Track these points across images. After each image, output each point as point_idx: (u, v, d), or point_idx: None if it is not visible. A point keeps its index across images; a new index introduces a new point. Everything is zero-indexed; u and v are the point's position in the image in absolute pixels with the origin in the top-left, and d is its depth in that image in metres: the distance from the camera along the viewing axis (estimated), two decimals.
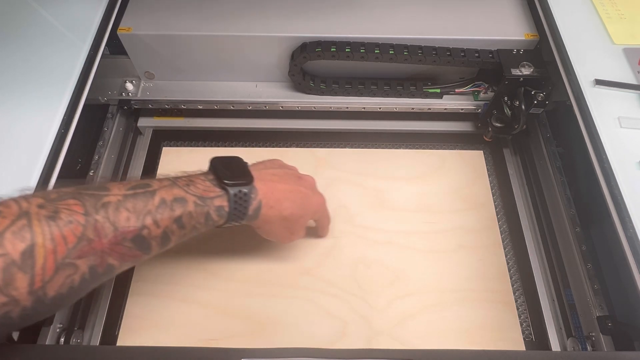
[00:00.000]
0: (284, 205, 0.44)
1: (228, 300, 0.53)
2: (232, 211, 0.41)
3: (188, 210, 0.38)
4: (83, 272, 0.33)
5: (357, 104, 0.63)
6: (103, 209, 0.34)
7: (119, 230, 0.34)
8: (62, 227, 0.31)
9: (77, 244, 0.32)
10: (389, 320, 0.52)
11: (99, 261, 0.33)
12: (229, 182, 0.40)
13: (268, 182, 0.44)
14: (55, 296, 0.32)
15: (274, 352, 0.36)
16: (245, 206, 0.41)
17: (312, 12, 0.60)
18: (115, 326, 0.52)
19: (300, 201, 0.46)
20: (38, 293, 0.31)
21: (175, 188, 0.38)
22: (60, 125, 0.46)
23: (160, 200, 0.37)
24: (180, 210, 0.38)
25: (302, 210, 0.47)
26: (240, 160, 0.44)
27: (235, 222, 0.42)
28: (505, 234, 0.60)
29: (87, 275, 0.33)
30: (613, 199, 0.42)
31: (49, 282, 0.31)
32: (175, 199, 0.38)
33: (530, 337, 0.52)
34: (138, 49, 0.61)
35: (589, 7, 0.58)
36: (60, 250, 0.31)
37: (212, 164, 0.42)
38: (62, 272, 0.31)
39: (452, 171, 0.64)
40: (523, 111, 0.56)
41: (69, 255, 0.31)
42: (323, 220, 0.54)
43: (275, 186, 0.44)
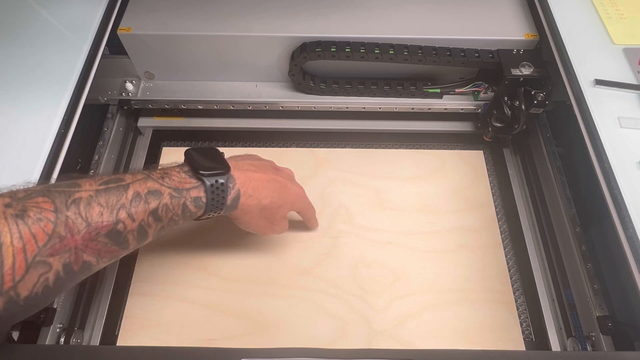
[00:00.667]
0: (263, 194, 0.44)
1: (228, 300, 0.53)
2: (210, 202, 0.40)
3: (163, 203, 0.37)
4: (57, 270, 0.32)
5: (357, 104, 0.63)
6: (74, 205, 0.33)
7: (92, 226, 0.33)
8: (30, 225, 0.30)
9: (48, 242, 0.31)
10: (389, 320, 0.52)
11: (74, 258, 0.33)
12: (205, 172, 0.40)
13: (245, 172, 0.43)
14: (29, 296, 0.31)
15: (274, 352, 0.36)
16: (223, 196, 0.41)
17: (312, 12, 0.60)
18: (115, 326, 0.52)
19: (279, 190, 0.46)
20: (9, 294, 0.30)
21: (150, 181, 0.38)
22: (60, 125, 0.46)
23: (134, 193, 0.36)
24: (156, 202, 0.37)
25: (281, 199, 0.46)
26: (216, 151, 0.43)
27: (213, 212, 0.41)
28: (505, 234, 0.60)
29: (61, 273, 0.32)
30: (613, 199, 0.42)
31: (20, 282, 0.30)
32: (149, 191, 0.37)
33: (530, 337, 0.52)
34: (138, 49, 0.61)
35: (589, 7, 0.58)
36: (30, 249, 0.30)
37: (187, 155, 0.41)
38: (34, 271, 0.30)
39: (452, 171, 0.64)
40: (523, 111, 0.56)
41: (39, 253, 0.31)
42: (307, 212, 0.53)
43: (253, 175, 0.44)
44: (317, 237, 0.58)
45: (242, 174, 0.43)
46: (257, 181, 0.44)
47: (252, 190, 0.43)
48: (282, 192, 0.46)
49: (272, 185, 0.45)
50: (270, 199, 0.45)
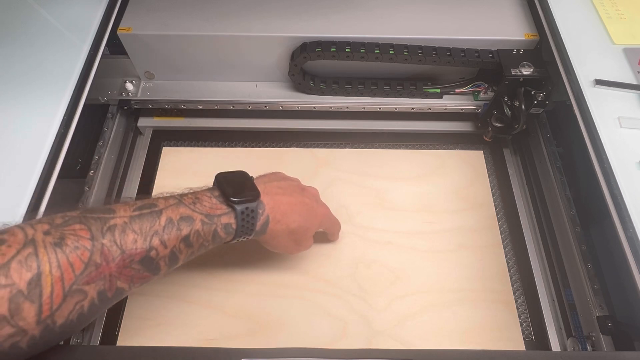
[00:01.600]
0: (291, 219, 0.44)
1: (228, 300, 0.53)
2: (240, 228, 0.40)
3: (195, 229, 0.38)
4: (92, 297, 0.32)
5: (357, 104, 0.63)
6: (109, 232, 0.33)
7: (127, 253, 0.34)
8: (68, 254, 0.31)
9: (85, 270, 0.31)
10: (389, 320, 0.52)
11: (108, 285, 0.33)
12: (236, 199, 0.40)
13: (274, 196, 0.43)
14: (65, 323, 0.31)
15: (274, 352, 0.36)
16: (253, 222, 0.41)
17: (312, 12, 0.60)
18: (115, 326, 0.52)
19: (306, 213, 0.46)
20: (47, 322, 0.30)
21: (182, 207, 0.38)
22: (60, 125, 0.46)
23: (166, 219, 0.36)
24: (188, 229, 0.37)
25: (309, 222, 0.47)
26: (245, 175, 0.44)
27: (242, 238, 0.42)
28: (505, 234, 0.60)
29: (96, 300, 0.33)
30: (613, 199, 0.42)
31: (57, 311, 0.30)
32: (182, 217, 0.37)
33: (530, 337, 0.52)
34: (138, 49, 0.61)
35: (589, 7, 0.58)
36: (68, 278, 0.31)
37: (217, 180, 0.42)
38: (70, 299, 0.31)
39: (452, 171, 0.64)
40: (523, 111, 0.56)
41: (76, 281, 0.31)
42: (332, 228, 0.54)
43: (281, 199, 0.44)
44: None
45: (270, 199, 0.43)
46: (285, 205, 0.44)
47: (281, 215, 0.43)
48: (309, 215, 0.47)
49: (299, 209, 0.45)
50: (298, 223, 0.45)
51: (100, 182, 0.60)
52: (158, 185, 0.63)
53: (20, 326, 0.29)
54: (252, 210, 0.40)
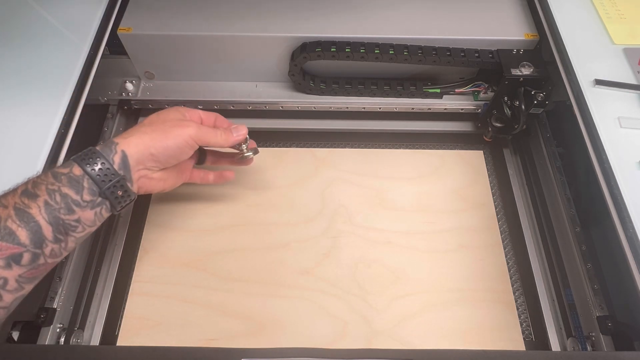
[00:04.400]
0: (135, 127, 0.44)
1: (228, 300, 0.53)
2: (77, 160, 0.39)
3: (32, 181, 0.37)
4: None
5: (357, 104, 0.63)
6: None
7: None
8: None
9: None
10: (389, 320, 0.52)
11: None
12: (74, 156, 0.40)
13: (125, 135, 0.43)
14: None
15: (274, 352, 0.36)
16: (88, 150, 0.40)
17: (312, 12, 0.60)
18: (115, 326, 0.52)
19: (148, 118, 0.45)
20: None
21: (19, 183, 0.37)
22: (60, 125, 0.46)
23: (3, 192, 0.36)
24: (23, 185, 0.36)
25: (156, 115, 0.45)
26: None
27: (91, 163, 0.39)
28: (505, 234, 0.60)
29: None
30: (613, 199, 0.42)
31: None
32: (17, 185, 0.37)
33: (530, 337, 0.52)
34: (138, 49, 0.61)
35: (589, 7, 0.58)
36: None
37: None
38: None
39: (452, 171, 0.64)
40: (523, 111, 0.56)
41: None
42: (206, 112, 0.50)
43: (129, 132, 0.43)
44: (317, 237, 0.58)
45: (119, 138, 0.42)
46: (135, 132, 0.43)
47: (123, 134, 0.43)
48: (153, 116, 0.46)
49: (149, 123, 0.45)
50: (144, 121, 0.45)
51: None
52: None
53: None
54: (90, 150, 0.40)
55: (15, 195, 0.35)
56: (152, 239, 0.58)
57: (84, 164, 0.38)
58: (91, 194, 0.38)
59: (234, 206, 0.60)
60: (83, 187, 0.38)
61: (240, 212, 0.60)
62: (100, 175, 0.39)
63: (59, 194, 0.37)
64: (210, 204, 0.60)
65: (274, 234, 0.58)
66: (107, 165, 0.39)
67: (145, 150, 0.42)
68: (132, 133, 0.43)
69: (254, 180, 0.63)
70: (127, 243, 0.58)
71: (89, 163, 0.39)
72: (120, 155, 0.40)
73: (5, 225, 0.34)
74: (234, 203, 0.60)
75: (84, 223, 0.39)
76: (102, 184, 0.39)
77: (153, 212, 0.60)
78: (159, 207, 0.60)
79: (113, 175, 0.39)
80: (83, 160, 0.39)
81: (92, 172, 0.38)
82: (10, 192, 0.36)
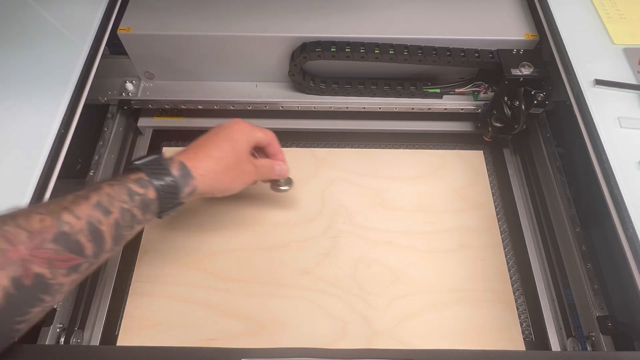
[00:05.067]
0: (207, 148, 0.44)
1: (228, 300, 0.53)
2: (151, 176, 0.39)
3: (105, 192, 0.36)
4: (4, 286, 0.30)
5: (357, 104, 0.63)
6: (12, 220, 0.32)
7: (34, 233, 0.32)
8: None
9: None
10: (389, 320, 0.52)
11: (22, 271, 0.31)
12: (136, 161, 0.40)
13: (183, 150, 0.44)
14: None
15: (274, 352, 0.36)
16: (163, 167, 0.40)
17: (312, 12, 0.60)
18: (115, 326, 0.52)
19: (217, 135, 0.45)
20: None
21: (87, 186, 0.38)
22: (60, 125, 0.46)
23: (74, 197, 0.35)
24: (96, 195, 0.36)
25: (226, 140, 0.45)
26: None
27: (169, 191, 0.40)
28: (505, 234, 0.60)
29: (11, 289, 0.30)
30: (613, 199, 0.42)
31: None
32: (89, 190, 0.36)
33: (530, 337, 0.52)
34: (138, 49, 0.61)
35: (589, 7, 0.58)
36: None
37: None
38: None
39: (452, 171, 0.64)
40: (523, 111, 0.56)
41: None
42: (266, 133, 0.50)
43: (189, 147, 0.44)
44: (317, 237, 0.58)
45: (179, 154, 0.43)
46: (196, 144, 0.44)
47: (195, 151, 0.43)
48: (223, 134, 0.45)
49: (211, 138, 0.45)
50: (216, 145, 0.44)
51: None
52: None
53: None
54: (157, 160, 0.40)
55: (89, 207, 0.35)
56: (152, 239, 0.58)
57: (161, 190, 0.39)
58: (153, 215, 0.40)
59: (234, 206, 0.60)
60: (150, 209, 0.39)
61: (240, 212, 0.60)
62: (168, 202, 0.40)
63: (130, 214, 0.38)
64: (210, 204, 0.60)
65: (274, 234, 0.58)
66: (178, 200, 0.41)
67: (210, 190, 0.44)
68: (207, 168, 0.43)
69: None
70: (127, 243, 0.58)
71: (165, 191, 0.40)
72: (190, 189, 0.42)
73: (77, 240, 0.34)
74: (234, 203, 0.60)
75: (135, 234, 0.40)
76: (165, 208, 0.41)
77: None
78: None
79: (178, 205, 0.42)
80: (162, 187, 0.39)
81: (164, 201, 0.40)
82: (83, 198, 0.35)
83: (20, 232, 0.31)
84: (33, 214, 0.33)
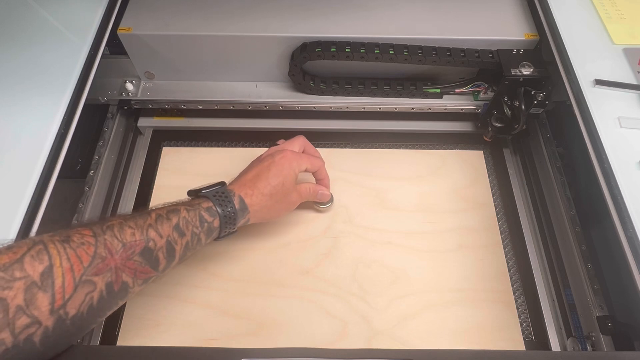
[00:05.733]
0: (262, 184, 0.48)
1: (228, 300, 0.53)
2: (218, 206, 0.45)
3: (182, 216, 0.42)
4: (100, 289, 0.35)
5: (357, 104, 0.63)
6: (109, 229, 0.36)
7: (127, 245, 0.37)
8: (75, 248, 0.34)
9: (92, 262, 0.34)
10: (389, 320, 0.52)
11: (114, 278, 0.36)
12: (205, 190, 0.46)
13: (237, 179, 0.50)
14: (76, 315, 0.33)
15: (274, 352, 0.36)
16: (228, 200, 0.46)
17: (312, 12, 0.60)
18: (115, 326, 0.52)
19: (269, 171, 0.49)
20: (59, 312, 0.32)
21: (166, 205, 0.43)
22: (60, 125, 0.46)
23: (156, 215, 0.40)
24: (176, 217, 0.41)
25: (277, 175, 0.49)
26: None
27: (230, 222, 0.46)
28: (505, 234, 0.60)
29: (104, 292, 0.35)
30: (613, 199, 0.42)
31: (69, 301, 0.32)
32: (169, 211, 0.42)
33: (530, 337, 0.52)
34: (138, 49, 0.61)
35: (589, 7, 0.58)
36: (77, 269, 0.33)
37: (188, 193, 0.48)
38: (81, 289, 0.33)
39: (452, 171, 0.64)
40: (523, 111, 0.56)
41: (85, 273, 0.33)
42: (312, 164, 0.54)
43: (246, 177, 0.49)
44: (317, 237, 0.58)
45: (235, 183, 0.49)
46: (251, 178, 0.49)
47: (250, 186, 0.48)
48: (274, 170, 0.50)
49: (262, 173, 0.49)
50: (268, 182, 0.49)
51: (100, 182, 0.60)
52: (158, 185, 0.63)
53: (35, 316, 0.31)
54: (222, 191, 0.46)
55: (170, 227, 0.41)
56: None
57: (224, 219, 0.45)
58: (212, 239, 0.46)
59: None
60: (212, 235, 0.45)
61: None
62: (226, 230, 0.46)
63: (197, 238, 0.43)
64: None
65: (274, 234, 0.58)
66: (234, 229, 0.47)
67: (260, 220, 0.51)
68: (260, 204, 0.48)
69: None
70: None
71: (226, 221, 0.45)
72: (245, 220, 0.48)
73: (157, 256, 0.39)
74: None
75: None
76: (222, 234, 0.46)
77: None
78: None
79: (233, 233, 0.48)
80: (225, 217, 0.45)
81: (224, 228, 0.46)
82: (166, 219, 0.41)
83: (117, 243, 0.36)
84: (125, 227, 0.37)
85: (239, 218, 0.47)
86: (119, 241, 0.36)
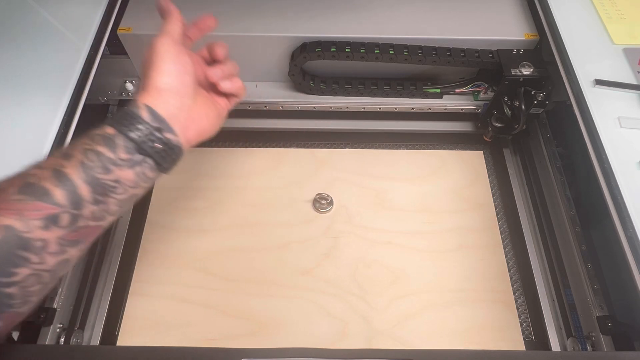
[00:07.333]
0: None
1: (228, 300, 0.53)
2: (115, 119, 0.37)
3: (72, 140, 0.35)
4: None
5: (357, 104, 0.63)
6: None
7: (0, 190, 0.32)
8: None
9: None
10: (389, 320, 0.52)
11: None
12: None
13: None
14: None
15: (274, 352, 0.36)
16: (132, 111, 0.37)
17: (312, 12, 0.60)
18: (115, 326, 0.52)
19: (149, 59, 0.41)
20: None
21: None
22: (60, 125, 0.46)
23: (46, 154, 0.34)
24: (62, 148, 0.36)
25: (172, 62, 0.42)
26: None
27: (143, 130, 0.37)
28: (505, 234, 0.60)
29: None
30: (613, 199, 0.42)
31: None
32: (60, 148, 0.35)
33: (530, 337, 0.52)
34: (138, 49, 0.61)
35: (589, 7, 0.58)
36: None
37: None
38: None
39: (452, 171, 0.64)
40: (523, 111, 0.56)
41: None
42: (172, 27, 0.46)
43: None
44: (317, 237, 0.58)
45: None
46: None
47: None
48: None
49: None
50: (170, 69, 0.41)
51: None
52: (158, 185, 0.63)
53: None
54: (122, 110, 0.37)
55: (52, 157, 0.35)
56: (152, 239, 0.58)
57: (114, 122, 0.37)
58: (127, 152, 0.37)
59: (234, 206, 0.60)
60: (117, 144, 0.36)
61: (240, 212, 0.60)
62: (133, 130, 0.37)
63: (94, 152, 0.35)
64: (210, 204, 0.60)
65: (273, 234, 0.58)
66: (139, 120, 0.37)
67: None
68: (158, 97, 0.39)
69: (254, 181, 0.63)
70: (127, 243, 0.58)
71: (120, 123, 0.37)
72: (146, 110, 0.38)
73: (41, 185, 0.33)
74: (234, 203, 0.60)
75: (124, 184, 0.37)
76: (137, 139, 0.37)
77: (153, 212, 0.60)
78: (159, 207, 0.60)
79: (147, 129, 0.37)
80: (115, 120, 0.37)
81: (124, 129, 0.36)
82: (50, 156, 0.35)
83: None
84: (1, 181, 0.33)
85: (138, 110, 0.37)
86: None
